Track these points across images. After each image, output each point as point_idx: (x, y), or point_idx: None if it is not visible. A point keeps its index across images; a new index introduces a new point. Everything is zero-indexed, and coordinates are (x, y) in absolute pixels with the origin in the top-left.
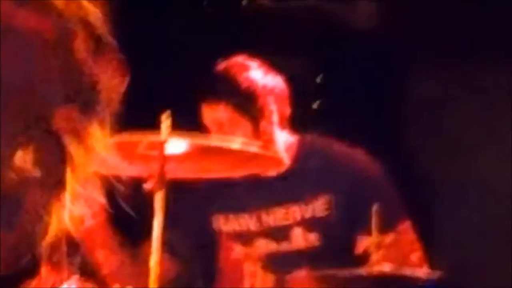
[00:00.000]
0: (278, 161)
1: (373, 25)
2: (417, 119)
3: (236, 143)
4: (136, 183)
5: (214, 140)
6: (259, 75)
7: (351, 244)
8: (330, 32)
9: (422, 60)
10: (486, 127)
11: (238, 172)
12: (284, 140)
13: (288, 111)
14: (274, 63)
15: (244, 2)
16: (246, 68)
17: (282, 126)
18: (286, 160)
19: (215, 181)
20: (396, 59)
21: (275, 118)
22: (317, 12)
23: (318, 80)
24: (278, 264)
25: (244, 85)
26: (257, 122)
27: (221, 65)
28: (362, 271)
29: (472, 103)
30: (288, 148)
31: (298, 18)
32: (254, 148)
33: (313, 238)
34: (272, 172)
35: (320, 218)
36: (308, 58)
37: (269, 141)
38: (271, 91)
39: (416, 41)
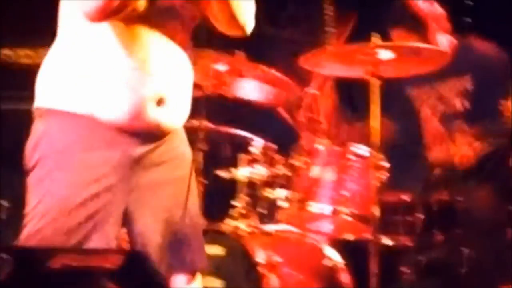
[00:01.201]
0: (448, 57)
1: None
2: None
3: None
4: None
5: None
6: (424, 4)
7: (493, 107)
8: None
9: None
10: None
11: (425, 68)
12: (446, 41)
13: (446, 24)
14: None
15: None
16: (416, 5)
17: (444, 32)
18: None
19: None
20: None
21: (437, 30)
22: None
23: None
24: (443, 118)
25: (416, 12)
26: (425, 34)
27: (402, 4)
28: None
29: None
30: (450, 45)
31: None
32: (433, 46)
33: (458, 103)
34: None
35: (464, 90)
36: None
37: (433, 43)
38: (434, 15)
39: None
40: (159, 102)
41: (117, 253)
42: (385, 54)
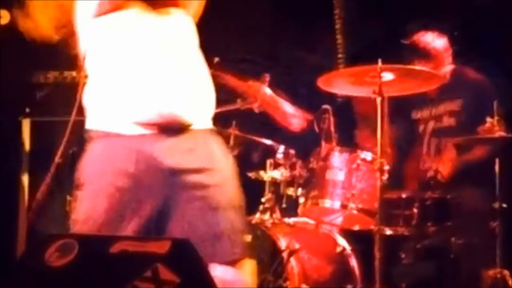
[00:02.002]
0: (443, 79)
1: None
2: None
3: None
4: None
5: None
6: (433, 40)
7: (478, 124)
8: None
9: None
10: None
11: (423, 88)
12: (447, 69)
13: (450, 55)
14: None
15: None
16: (425, 38)
17: (447, 63)
18: (447, 78)
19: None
20: None
21: (444, 60)
22: None
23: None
24: (440, 134)
25: (427, 47)
26: (435, 64)
27: (413, 38)
28: (486, 135)
29: None
30: (447, 72)
31: None
32: (429, 69)
33: (453, 121)
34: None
35: (458, 110)
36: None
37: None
38: (440, 48)
39: None
40: (172, 85)
41: (166, 240)
42: (387, 76)
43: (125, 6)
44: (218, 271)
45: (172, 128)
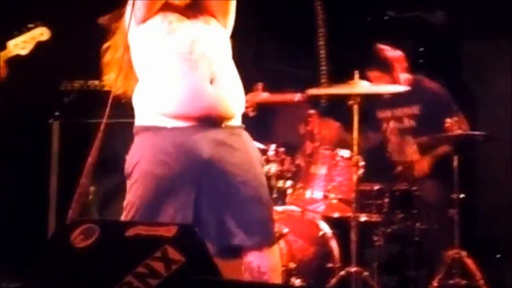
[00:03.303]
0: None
1: None
2: None
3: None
4: None
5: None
6: (391, 52)
7: (437, 125)
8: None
9: None
10: None
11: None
12: (404, 77)
13: (404, 65)
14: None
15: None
16: (384, 50)
17: (402, 72)
18: (405, 86)
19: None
20: None
21: (399, 70)
22: None
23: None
24: (401, 133)
25: (385, 57)
26: (392, 74)
27: (374, 50)
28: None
29: None
30: (405, 81)
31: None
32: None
33: (413, 123)
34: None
35: (417, 114)
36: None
37: (398, 80)
38: (397, 58)
39: None
40: (212, 81)
41: (173, 225)
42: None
43: (163, 13)
44: (253, 257)
45: (212, 121)
